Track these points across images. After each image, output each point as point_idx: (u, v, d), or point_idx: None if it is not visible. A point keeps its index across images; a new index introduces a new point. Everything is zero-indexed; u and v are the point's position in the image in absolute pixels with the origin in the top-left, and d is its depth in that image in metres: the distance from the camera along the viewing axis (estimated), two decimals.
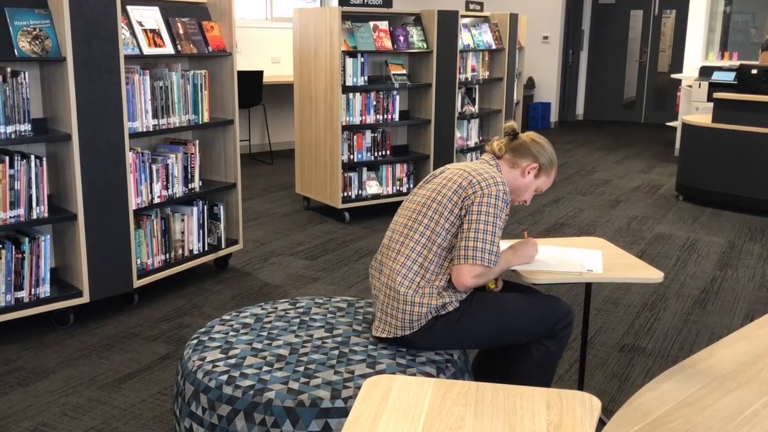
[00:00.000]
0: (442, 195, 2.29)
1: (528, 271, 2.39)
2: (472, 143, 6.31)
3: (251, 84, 7.28)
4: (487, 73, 6.43)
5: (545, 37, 10.99)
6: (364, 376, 2.10)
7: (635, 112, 12.00)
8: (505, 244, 2.61)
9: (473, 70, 6.23)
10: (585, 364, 2.82)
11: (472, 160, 6.38)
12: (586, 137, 10.20)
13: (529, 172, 2.42)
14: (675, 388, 2.12)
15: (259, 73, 7.37)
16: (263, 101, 8.02)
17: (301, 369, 2.14)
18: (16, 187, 3.22)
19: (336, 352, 2.25)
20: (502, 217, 2.25)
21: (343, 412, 1.97)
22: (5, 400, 2.80)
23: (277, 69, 8.47)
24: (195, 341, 2.34)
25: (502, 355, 2.53)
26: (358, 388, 2.04)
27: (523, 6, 10.93)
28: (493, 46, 6.34)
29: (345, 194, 5.43)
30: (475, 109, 6.28)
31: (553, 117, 11.27)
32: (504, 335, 2.33)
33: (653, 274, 2.42)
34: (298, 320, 2.48)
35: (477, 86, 6.28)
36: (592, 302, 3.89)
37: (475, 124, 6.35)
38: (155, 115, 3.74)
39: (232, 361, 2.19)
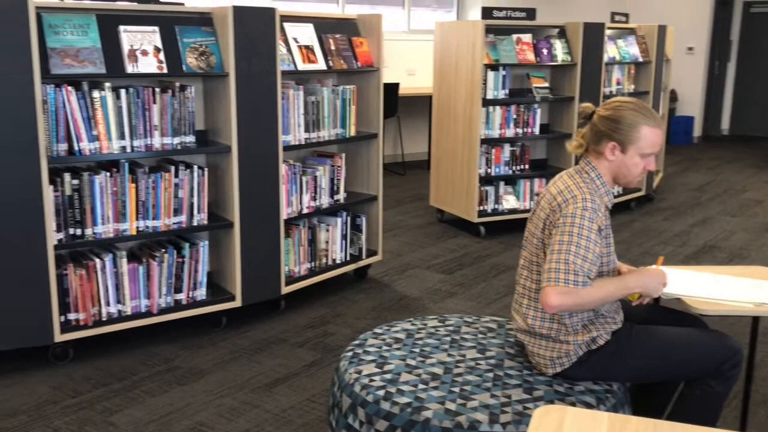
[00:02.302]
0: (540, 230, 2.21)
1: (695, 300, 2.27)
2: None
3: (387, 96, 7.38)
4: (632, 86, 6.21)
5: (690, 48, 10.49)
6: (522, 402, 2.07)
7: None
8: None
9: (618, 83, 6.03)
10: (749, 400, 2.65)
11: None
12: (734, 154, 9.63)
13: (613, 153, 2.20)
14: None
15: (396, 85, 7.47)
16: (398, 112, 8.10)
17: (457, 390, 2.13)
18: (179, 195, 3.42)
19: (491, 374, 2.23)
20: (584, 234, 2.07)
21: None
22: (166, 398, 2.97)
23: (412, 81, 8.54)
24: (350, 353, 2.39)
25: (663, 389, 2.41)
26: (517, 413, 2.00)
27: (668, 16, 10.48)
28: (640, 59, 6.11)
29: (481, 208, 5.39)
30: None
31: (696, 131, 10.73)
32: (664, 371, 2.22)
33: None
34: (449, 339, 2.48)
35: None
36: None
37: None
38: (306, 129, 3.86)
39: (388, 376, 2.21)
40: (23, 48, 2.90)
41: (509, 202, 5.51)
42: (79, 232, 3.18)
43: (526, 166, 5.51)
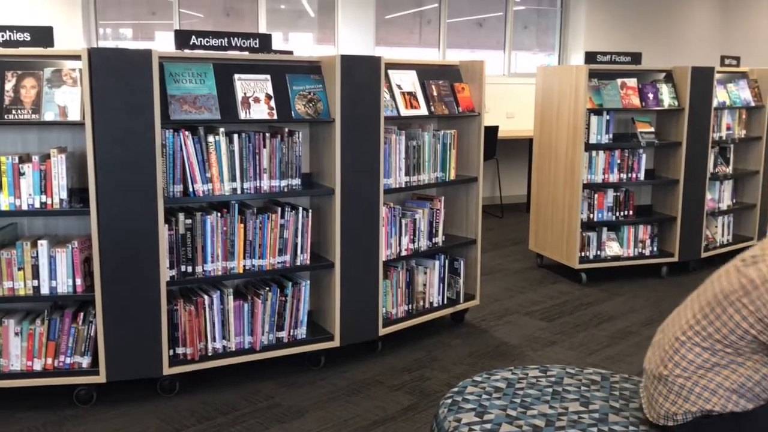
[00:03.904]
0: (734, 297, 2.06)
1: None
2: (724, 206, 5.85)
3: (487, 138, 7.39)
4: (743, 131, 5.97)
5: None
6: None
7: None
8: None
9: (728, 128, 5.81)
10: None
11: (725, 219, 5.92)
12: None
13: None
14: None
15: (495, 128, 7.47)
16: (496, 155, 8.09)
17: None
18: (284, 236, 3.53)
19: (594, 429, 2.16)
20: None
21: None
22: None
23: (512, 124, 8.53)
24: (449, 400, 2.37)
25: None
26: None
27: None
28: (752, 103, 5.88)
29: (582, 254, 5.27)
30: (728, 169, 5.84)
31: None
32: None
33: None
34: (550, 390, 2.43)
35: (732, 145, 5.84)
36: None
37: (728, 185, 5.89)
38: (407, 173, 3.91)
39: (488, 426, 2.18)
40: (147, 95, 3.10)
41: (612, 248, 5.37)
42: (189, 269, 3.33)
43: (631, 212, 5.36)
